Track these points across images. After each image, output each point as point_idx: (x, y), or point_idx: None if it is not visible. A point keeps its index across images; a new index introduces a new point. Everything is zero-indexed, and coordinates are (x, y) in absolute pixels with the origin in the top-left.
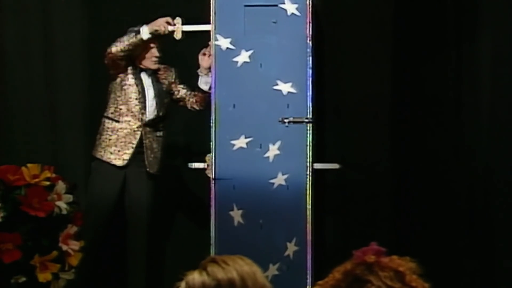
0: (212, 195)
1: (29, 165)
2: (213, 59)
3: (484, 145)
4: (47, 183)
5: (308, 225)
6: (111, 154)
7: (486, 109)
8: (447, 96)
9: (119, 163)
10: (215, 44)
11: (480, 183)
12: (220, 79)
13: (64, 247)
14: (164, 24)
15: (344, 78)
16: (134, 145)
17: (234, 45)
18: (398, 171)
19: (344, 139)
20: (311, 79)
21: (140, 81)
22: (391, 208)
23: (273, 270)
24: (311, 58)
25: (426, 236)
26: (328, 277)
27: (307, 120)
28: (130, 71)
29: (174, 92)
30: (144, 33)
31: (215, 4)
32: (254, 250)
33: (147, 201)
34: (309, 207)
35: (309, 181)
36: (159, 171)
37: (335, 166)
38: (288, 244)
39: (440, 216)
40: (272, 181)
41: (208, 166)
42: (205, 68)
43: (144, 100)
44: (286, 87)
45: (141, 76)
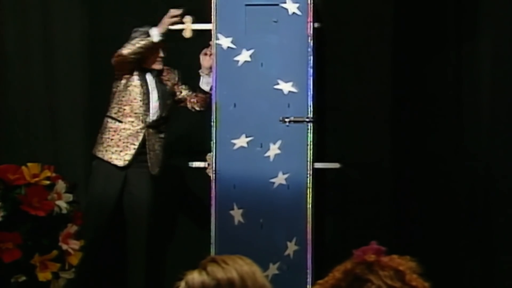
0: (213, 194)
1: (29, 164)
2: (214, 58)
3: (484, 145)
4: (47, 182)
5: (308, 224)
6: (112, 154)
7: (486, 109)
8: (447, 96)
9: (120, 163)
10: (216, 43)
11: (480, 183)
12: (221, 78)
13: (64, 247)
14: (170, 20)
15: (345, 78)
16: (136, 146)
17: (235, 44)
18: (398, 171)
19: (345, 138)
20: (312, 78)
21: (145, 82)
22: (391, 207)
23: (273, 269)
24: (312, 57)
25: (426, 236)
26: (328, 276)
27: (307, 119)
28: (136, 72)
29: (177, 93)
30: (154, 35)
31: (216, 3)
32: (254, 250)
33: (147, 201)
34: (309, 206)
35: (309, 180)
36: (160, 172)
37: (336, 165)
38: (288, 243)
39: (440, 215)
40: (272, 180)
41: (208, 165)
42: (206, 68)
43: (148, 102)
44: (287, 87)
45: (146, 77)
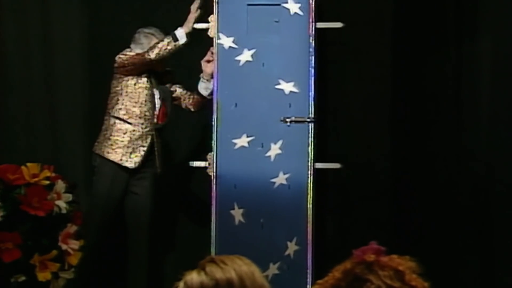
0: (213, 194)
1: (28, 164)
2: (215, 57)
3: (484, 144)
4: (47, 182)
5: (308, 224)
6: (122, 156)
7: (486, 109)
8: (447, 95)
9: (131, 165)
10: (218, 43)
11: (480, 183)
12: (222, 78)
13: (64, 246)
14: (194, 15)
15: (346, 78)
16: (145, 148)
17: (236, 44)
18: (399, 171)
19: (346, 138)
20: (313, 78)
21: (152, 84)
22: (391, 207)
23: (273, 269)
24: (313, 57)
25: (425, 235)
26: (328, 276)
27: (308, 119)
28: (145, 73)
29: (172, 92)
30: (181, 38)
31: (217, 2)
32: (255, 249)
33: (150, 203)
34: (310, 206)
35: (310, 180)
36: (164, 170)
37: (336, 165)
38: (289, 243)
39: (440, 215)
40: (273, 180)
41: (209, 164)
42: (208, 74)
43: (154, 103)
44: (288, 87)
45: (151, 79)
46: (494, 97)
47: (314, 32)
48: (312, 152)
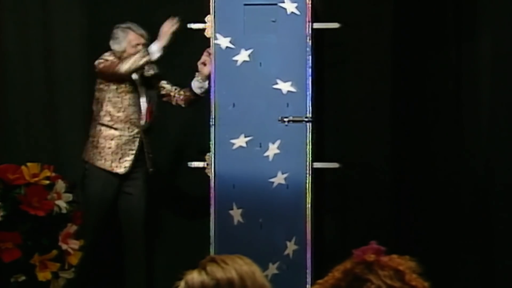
0: (212, 194)
1: (28, 164)
2: (212, 58)
3: (484, 144)
4: (47, 182)
5: (307, 224)
6: (112, 162)
7: (486, 109)
8: (447, 95)
9: (121, 171)
10: (215, 43)
11: (480, 183)
12: (219, 78)
13: (64, 246)
14: (169, 30)
15: (344, 77)
16: (134, 152)
17: (233, 44)
18: (398, 170)
19: (344, 138)
20: (310, 78)
21: (135, 86)
22: (391, 207)
23: (272, 269)
24: (310, 57)
25: (425, 235)
26: (328, 276)
27: (306, 119)
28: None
29: (159, 88)
30: (154, 53)
31: (214, 3)
32: (254, 249)
33: (143, 202)
34: (308, 206)
35: (308, 180)
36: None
37: (335, 165)
38: (288, 243)
39: (440, 215)
40: (271, 180)
41: (207, 165)
42: (205, 77)
43: (140, 106)
44: (285, 86)
45: (134, 80)
46: (494, 97)
47: (311, 32)
48: (311, 152)
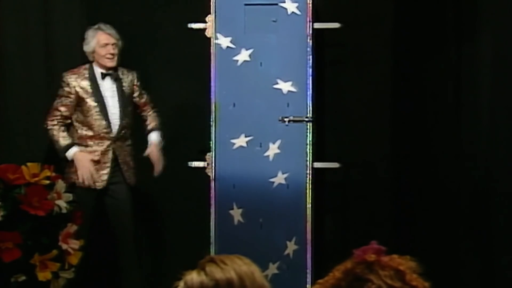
0: (212, 194)
1: (29, 164)
2: (213, 57)
3: (484, 144)
4: (47, 182)
5: (308, 224)
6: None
7: (486, 109)
8: (447, 95)
9: (99, 185)
10: (215, 43)
11: (480, 182)
12: (220, 77)
13: (64, 246)
14: (82, 174)
15: (344, 77)
16: (109, 164)
17: (234, 44)
18: (398, 170)
19: (344, 138)
20: (311, 78)
21: (101, 97)
22: (391, 207)
23: (273, 269)
24: (311, 57)
25: (426, 235)
26: (328, 276)
27: (307, 119)
28: (89, 90)
29: (136, 98)
30: (69, 156)
31: (215, 3)
32: (254, 249)
33: (129, 203)
34: (309, 206)
35: (309, 180)
36: (137, 182)
37: (335, 165)
38: (288, 243)
39: (440, 215)
40: (272, 180)
41: (208, 165)
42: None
43: (108, 116)
44: (286, 86)
45: (99, 88)
46: (494, 97)
47: (312, 32)
48: (311, 152)
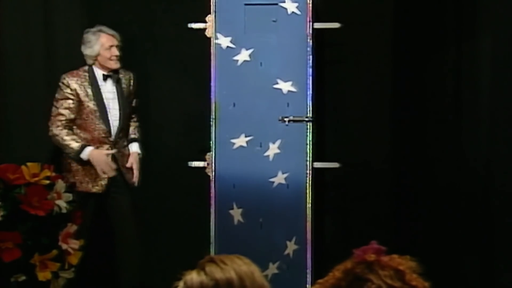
0: (212, 194)
1: (29, 164)
2: (213, 57)
3: (484, 144)
4: (47, 182)
5: (308, 224)
6: (88, 184)
7: (486, 108)
8: (447, 95)
9: (98, 189)
10: (216, 43)
11: (480, 182)
12: (220, 77)
13: (64, 246)
14: (105, 165)
15: (344, 77)
16: None
17: (234, 43)
18: (398, 170)
19: (344, 138)
20: (311, 78)
21: (101, 100)
22: (391, 207)
23: (273, 269)
24: (311, 57)
25: (426, 235)
26: (328, 275)
27: (307, 119)
28: (90, 93)
29: (132, 102)
30: (84, 156)
31: (215, 3)
32: (254, 249)
33: (129, 204)
34: (309, 206)
35: (309, 180)
36: (139, 182)
37: (335, 165)
38: (288, 243)
39: (440, 215)
40: (272, 180)
41: (208, 164)
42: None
43: (108, 120)
44: (286, 86)
45: (100, 91)
46: (494, 96)
47: (312, 32)
48: (311, 152)
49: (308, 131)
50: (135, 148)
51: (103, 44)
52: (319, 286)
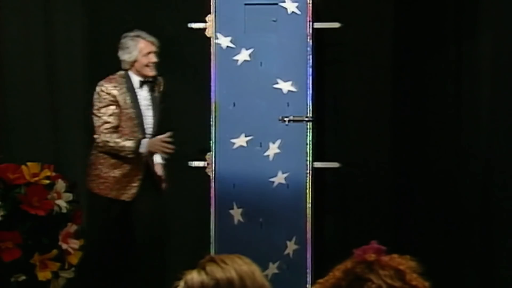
0: (212, 194)
1: (29, 163)
2: (213, 57)
3: (484, 144)
4: (47, 181)
5: (308, 223)
6: (118, 191)
7: (486, 108)
8: (447, 95)
9: (128, 198)
10: (215, 43)
11: (480, 182)
12: (220, 77)
13: (64, 246)
14: (161, 145)
15: (344, 77)
16: (140, 176)
17: (234, 43)
18: (398, 170)
19: (344, 137)
20: (311, 77)
21: (138, 108)
22: (391, 206)
23: (273, 268)
24: (311, 56)
25: (426, 235)
26: (328, 275)
27: (307, 118)
28: (128, 100)
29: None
30: (142, 148)
31: (215, 2)
32: (254, 249)
33: (157, 217)
34: (309, 205)
35: (309, 179)
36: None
37: (335, 165)
38: (288, 242)
39: (440, 214)
40: (272, 179)
41: (208, 164)
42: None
43: (143, 127)
44: (286, 86)
45: (137, 98)
46: (494, 96)
47: (312, 31)
48: (311, 151)
49: (308, 131)
50: (159, 159)
51: (141, 50)
52: (319, 286)
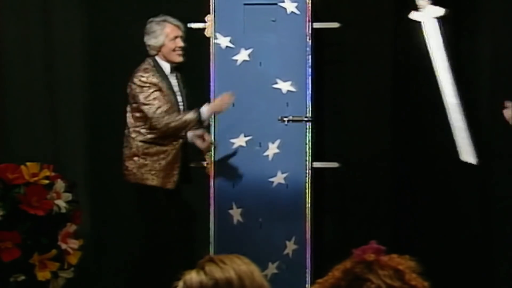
0: (212, 194)
1: (28, 163)
2: (212, 57)
3: (484, 144)
4: (46, 181)
5: (307, 223)
6: (162, 179)
7: (485, 108)
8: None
9: (171, 186)
10: (215, 43)
11: (479, 182)
12: (219, 77)
13: (63, 246)
14: (223, 103)
15: (344, 77)
16: (179, 164)
17: (233, 43)
18: (398, 170)
19: (344, 137)
20: (310, 77)
21: (173, 94)
22: (390, 206)
23: (272, 268)
24: (310, 56)
25: (425, 235)
26: (327, 275)
27: (306, 118)
28: (164, 87)
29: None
30: (204, 113)
31: (214, 2)
32: (253, 249)
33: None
34: (308, 205)
35: (308, 179)
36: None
37: (335, 164)
38: (287, 242)
39: (440, 214)
40: (271, 179)
41: (207, 164)
42: (204, 149)
43: (180, 113)
44: (285, 86)
45: (171, 83)
46: (493, 96)
47: (311, 31)
48: (310, 151)
49: (308, 131)
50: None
51: (168, 34)
52: (318, 286)
